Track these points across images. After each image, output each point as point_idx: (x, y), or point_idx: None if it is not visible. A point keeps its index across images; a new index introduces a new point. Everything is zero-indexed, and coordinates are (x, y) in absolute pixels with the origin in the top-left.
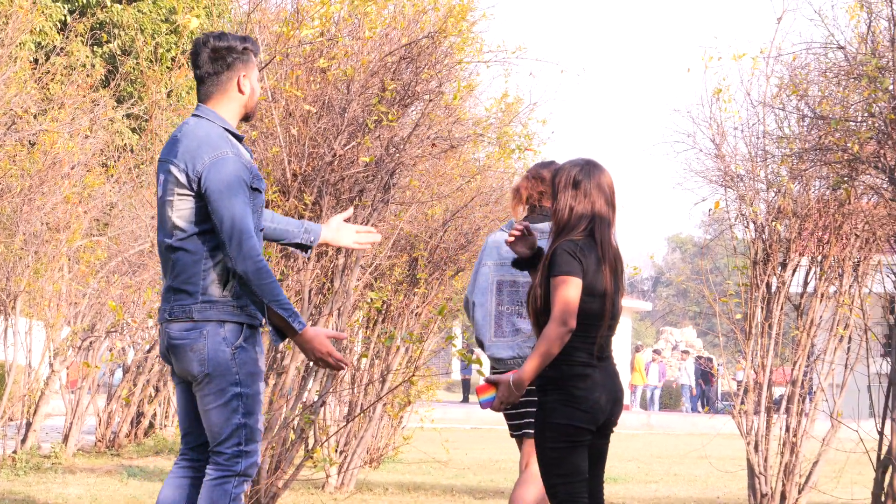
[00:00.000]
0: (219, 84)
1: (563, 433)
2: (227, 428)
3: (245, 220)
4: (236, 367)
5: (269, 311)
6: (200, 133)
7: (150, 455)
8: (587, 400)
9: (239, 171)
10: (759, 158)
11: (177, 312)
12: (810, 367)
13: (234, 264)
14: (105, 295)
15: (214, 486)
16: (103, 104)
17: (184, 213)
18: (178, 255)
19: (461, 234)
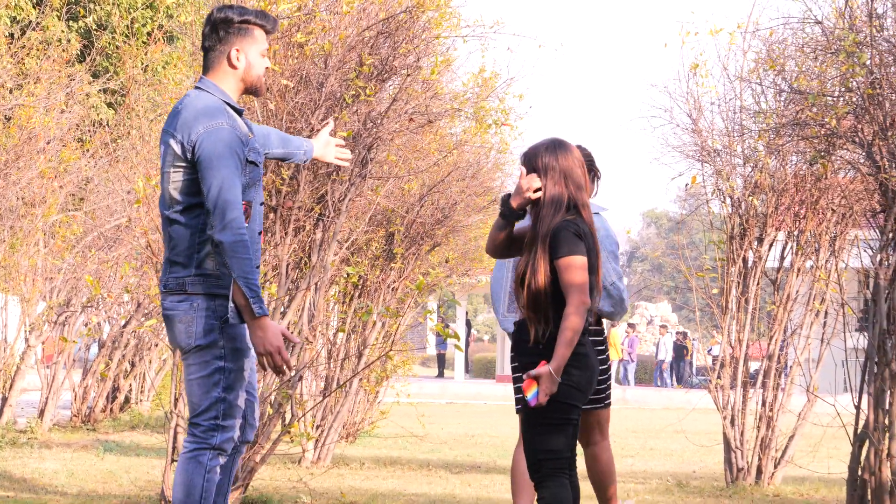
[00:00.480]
0: (216, 56)
1: (558, 411)
2: (206, 400)
3: (232, 191)
4: (223, 341)
5: (235, 287)
6: (199, 104)
7: (126, 430)
8: (583, 378)
9: (232, 142)
10: (735, 133)
11: (171, 284)
12: (786, 342)
13: (214, 233)
14: (81, 270)
15: (189, 459)
16: (79, 79)
17: (179, 185)
18: (175, 227)
19: (438, 208)
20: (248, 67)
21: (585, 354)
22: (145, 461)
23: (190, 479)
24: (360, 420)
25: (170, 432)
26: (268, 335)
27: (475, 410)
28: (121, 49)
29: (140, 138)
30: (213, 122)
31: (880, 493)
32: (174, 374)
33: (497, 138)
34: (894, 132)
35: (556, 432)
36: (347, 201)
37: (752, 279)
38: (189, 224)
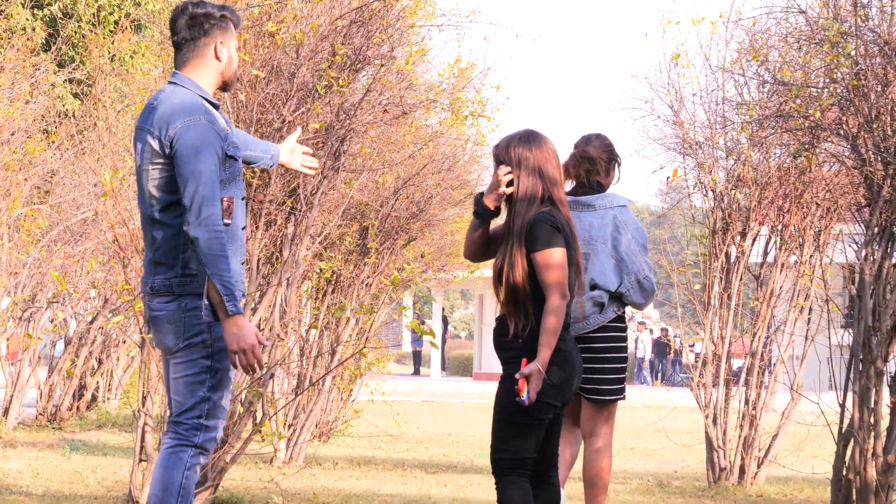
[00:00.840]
0: (195, 50)
1: (531, 409)
2: (191, 399)
3: (208, 187)
4: (210, 340)
5: (210, 284)
6: (175, 100)
7: (93, 429)
8: (557, 375)
9: (210, 137)
10: (718, 125)
11: (158, 286)
12: (770, 339)
13: (189, 228)
14: (46, 265)
15: (170, 455)
16: (44, 68)
17: (158, 182)
18: (157, 227)
19: (413, 202)
20: (229, 61)
21: (567, 351)
22: (113, 461)
23: (169, 476)
24: (333, 419)
25: (138, 431)
26: (242, 333)
27: (452, 409)
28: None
29: (107, 129)
30: (190, 117)
31: (865, 494)
32: (142, 371)
33: (473, 130)
34: (880, 124)
35: (521, 431)
36: (320, 195)
37: (734, 275)
38: (171, 224)
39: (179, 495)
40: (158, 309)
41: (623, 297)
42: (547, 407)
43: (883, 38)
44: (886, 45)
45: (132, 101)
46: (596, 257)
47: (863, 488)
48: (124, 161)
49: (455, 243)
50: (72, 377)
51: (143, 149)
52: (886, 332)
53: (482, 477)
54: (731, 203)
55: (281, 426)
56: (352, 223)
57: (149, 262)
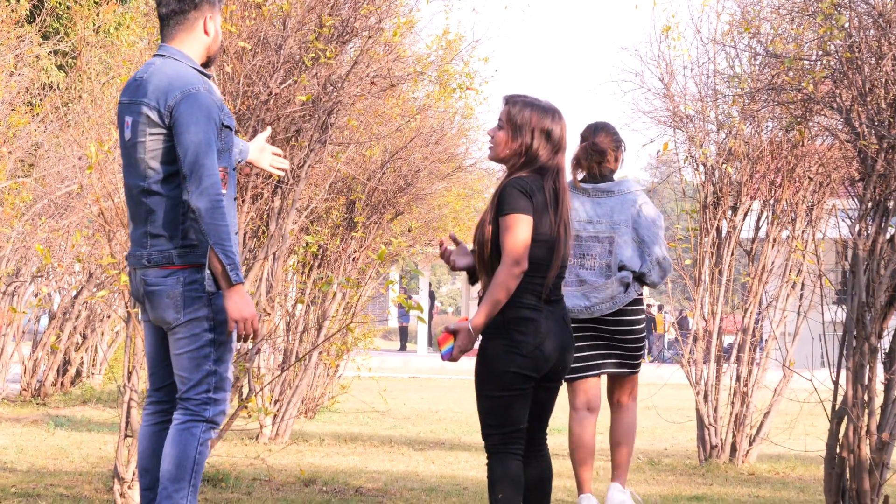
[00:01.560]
0: (185, 23)
1: (504, 381)
2: (198, 374)
3: (209, 156)
4: (212, 313)
5: (211, 254)
6: (169, 71)
7: (78, 404)
8: (529, 345)
9: (209, 107)
10: (709, 98)
11: (156, 258)
12: (762, 315)
13: (190, 198)
14: (31, 238)
15: (182, 430)
16: (28, 40)
17: (157, 153)
18: (154, 199)
19: (400, 176)
20: (216, 36)
21: (533, 320)
22: (97, 437)
23: (182, 451)
24: (319, 395)
25: (123, 407)
26: (243, 302)
27: (439, 385)
28: (72, 9)
29: (92, 102)
30: (189, 86)
31: (859, 472)
32: (128, 346)
33: (461, 103)
34: (874, 98)
35: (504, 404)
36: (307, 168)
37: (725, 250)
38: (170, 195)
39: (193, 471)
40: (156, 283)
41: (644, 276)
42: (518, 377)
43: (877, 9)
44: (880, 16)
45: (117, 74)
46: (620, 240)
47: (857, 466)
48: (109, 134)
49: (442, 217)
50: (56, 352)
51: (135, 121)
52: (880, 308)
53: (470, 454)
54: (722, 177)
55: (267, 402)
56: (339, 197)
57: (142, 235)
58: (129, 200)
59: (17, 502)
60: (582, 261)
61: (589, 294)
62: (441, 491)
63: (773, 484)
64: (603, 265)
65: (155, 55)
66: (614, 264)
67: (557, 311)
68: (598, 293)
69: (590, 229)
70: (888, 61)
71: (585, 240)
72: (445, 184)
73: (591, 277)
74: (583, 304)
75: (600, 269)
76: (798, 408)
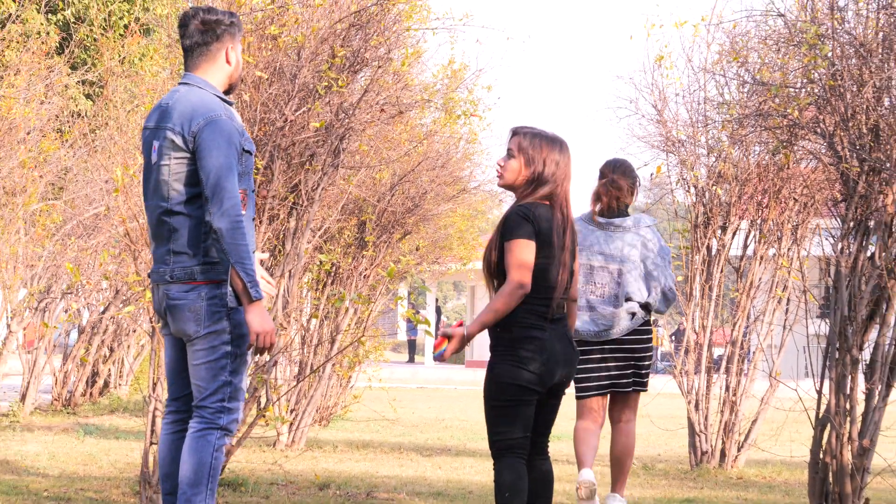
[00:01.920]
0: (208, 54)
1: (508, 392)
2: (214, 384)
3: (229, 179)
4: (230, 327)
5: (232, 272)
6: (194, 98)
7: (105, 413)
8: (536, 362)
9: (230, 133)
10: (700, 124)
11: (179, 274)
12: (749, 329)
13: (212, 219)
14: (61, 257)
15: (198, 438)
16: (58, 71)
17: (181, 176)
18: (178, 218)
19: (408, 197)
20: (237, 65)
21: (539, 339)
22: (124, 444)
23: (199, 457)
24: (333, 404)
25: (148, 416)
26: (264, 316)
27: (445, 395)
28: (98, 41)
29: (118, 129)
30: (212, 113)
31: (841, 476)
32: (152, 359)
33: (466, 129)
34: (855, 123)
35: (508, 412)
36: (320, 190)
37: (715, 267)
38: (193, 214)
39: (209, 475)
40: (178, 297)
41: (650, 305)
42: (524, 391)
43: (858, 40)
44: (861, 46)
45: (142, 102)
46: (629, 273)
47: (839, 471)
48: (135, 159)
49: (448, 237)
50: (85, 364)
51: (161, 146)
52: (861, 321)
53: (475, 459)
54: (712, 198)
55: (284, 411)
56: (350, 217)
57: (165, 253)
58: (152, 220)
59: None
60: (593, 288)
61: (597, 320)
62: (448, 495)
63: (761, 488)
64: (611, 294)
65: (180, 83)
66: (622, 294)
67: (560, 329)
68: (606, 320)
69: (601, 260)
70: (869, 89)
71: (597, 269)
72: (451, 205)
73: (600, 305)
74: (592, 329)
75: (608, 298)
76: (784, 416)
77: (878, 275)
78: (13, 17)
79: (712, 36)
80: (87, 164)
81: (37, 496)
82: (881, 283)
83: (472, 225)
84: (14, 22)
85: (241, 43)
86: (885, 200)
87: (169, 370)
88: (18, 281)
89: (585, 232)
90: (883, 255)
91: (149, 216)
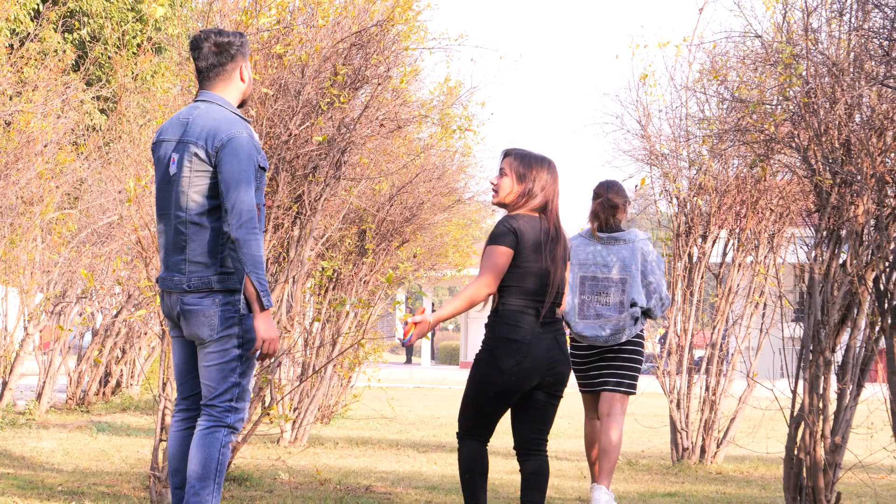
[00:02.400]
0: (224, 74)
1: (483, 391)
2: (224, 385)
3: (248, 193)
4: (241, 332)
5: (247, 280)
6: (217, 116)
7: (118, 412)
8: (508, 363)
9: (251, 150)
10: (681, 139)
11: (195, 283)
12: (728, 332)
13: (231, 230)
14: (76, 263)
15: (206, 435)
16: (74, 87)
17: (201, 188)
18: (195, 230)
19: (406, 207)
20: (249, 82)
21: (517, 341)
22: (135, 441)
23: (207, 453)
24: (334, 403)
25: (158, 414)
26: (271, 325)
27: (440, 394)
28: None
29: (130, 142)
30: (234, 130)
31: (815, 472)
32: (162, 360)
33: (461, 143)
34: (828, 138)
35: (468, 403)
36: (323, 201)
37: (696, 273)
38: (212, 226)
39: (217, 470)
40: (193, 304)
41: (650, 311)
42: (495, 390)
43: (831, 60)
44: (834, 66)
45: (153, 117)
46: (632, 281)
47: (812, 467)
48: (146, 170)
49: (443, 245)
50: (98, 365)
51: (181, 158)
52: (834, 325)
53: None
54: (693, 209)
55: (287, 410)
56: (351, 226)
57: (180, 262)
58: (167, 229)
59: (63, 500)
60: (600, 297)
61: (605, 325)
62: (443, 489)
63: (738, 482)
64: (617, 302)
65: (198, 100)
66: (627, 301)
67: (549, 333)
68: (614, 325)
69: (605, 271)
70: (841, 106)
71: (601, 280)
72: (447, 215)
73: (607, 312)
74: (602, 335)
75: (615, 305)
76: (761, 414)
77: (849, 281)
78: (31, 36)
79: (693, 56)
80: (101, 175)
81: (51, 490)
82: (852, 289)
83: (466, 233)
84: (32, 41)
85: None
86: (856, 211)
87: (179, 371)
88: (35, 286)
89: (589, 247)
90: (854, 262)
91: (163, 225)
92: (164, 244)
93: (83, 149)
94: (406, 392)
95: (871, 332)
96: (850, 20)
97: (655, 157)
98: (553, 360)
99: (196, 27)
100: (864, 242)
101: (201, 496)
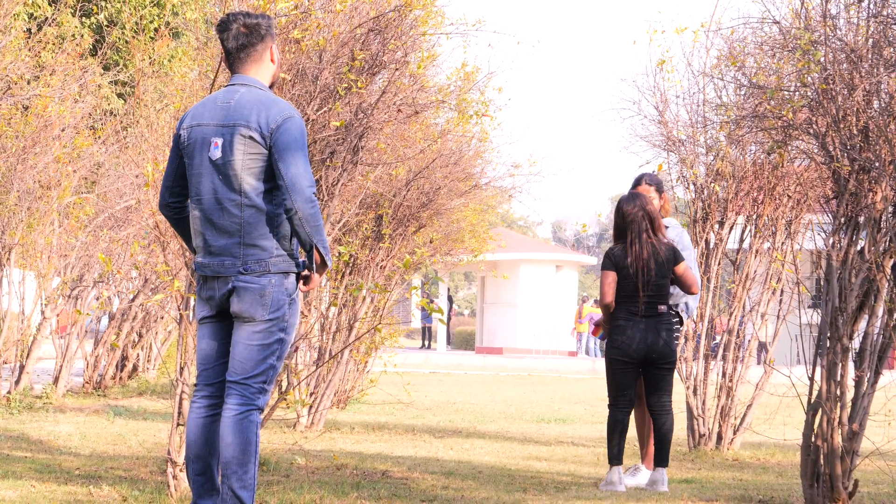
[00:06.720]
0: (255, 54)
1: (609, 362)
2: (261, 366)
3: (308, 170)
4: (287, 315)
5: (315, 252)
6: (264, 98)
7: (134, 396)
8: (618, 341)
9: (303, 128)
10: (699, 125)
11: (252, 266)
12: (745, 318)
13: (295, 203)
14: (93, 248)
15: (242, 419)
16: (91, 71)
17: (255, 171)
18: (252, 212)
19: (423, 193)
20: (279, 63)
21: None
22: (152, 425)
23: (245, 437)
24: (350, 388)
25: (175, 398)
26: (323, 277)
27: (456, 379)
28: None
29: (148, 126)
30: (287, 112)
31: (832, 459)
32: (180, 344)
33: (478, 128)
34: (846, 125)
35: (609, 374)
36: (340, 186)
37: (713, 260)
38: (266, 209)
39: (255, 453)
40: (250, 282)
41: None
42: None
43: (849, 46)
44: (852, 52)
45: (171, 101)
46: None
47: (830, 454)
48: (164, 155)
49: (460, 230)
50: (115, 349)
51: (230, 142)
52: (851, 312)
53: (485, 441)
54: (710, 195)
55: (304, 394)
56: (368, 211)
57: (231, 246)
58: (207, 214)
59: (80, 484)
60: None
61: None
62: (459, 474)
63: (755, 469)
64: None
65: (234, 84)
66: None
67: (647, 322)
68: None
69: None
70: (859, 92)
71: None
72: (463, 200)
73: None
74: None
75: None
76: (777, 401)
77: (867, 268)
78: (49, 21)
79: (711, 41)
80: (118, 159)
81: (68, 474)
82: (870, 276)
83: (482, 219)
84: (50, 25)
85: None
86: (874, 198)
87: (205, 357)
88: (52, 270)
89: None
90: (872, 249)
91: (208, 208)
92: (201, 229)
93: (101, 133)
94: (422, 377)
95: (888, 319)
96: (869, 6)
97: (673, 143)
98: (649, 341)
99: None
100: (881, 229)
101: (245, 480)
